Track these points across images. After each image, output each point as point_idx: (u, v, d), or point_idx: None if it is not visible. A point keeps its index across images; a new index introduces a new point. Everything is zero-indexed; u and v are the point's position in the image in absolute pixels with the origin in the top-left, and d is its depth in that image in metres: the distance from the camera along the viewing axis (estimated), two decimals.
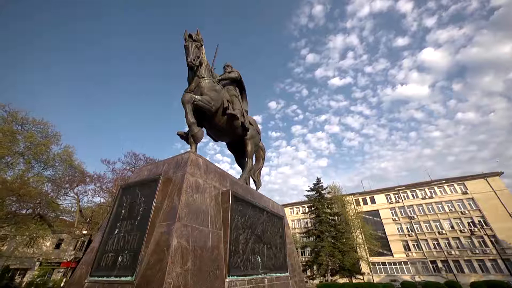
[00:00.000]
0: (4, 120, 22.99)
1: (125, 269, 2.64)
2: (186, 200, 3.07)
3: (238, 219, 3.89)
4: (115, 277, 2.64)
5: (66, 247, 36.32)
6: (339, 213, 36.52)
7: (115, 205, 3.45)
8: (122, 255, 2.78)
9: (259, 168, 6.93)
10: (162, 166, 3.79)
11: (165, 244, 2.63)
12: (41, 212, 23.99)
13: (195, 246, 2.89)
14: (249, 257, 3.88)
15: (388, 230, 41.17)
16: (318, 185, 39.12)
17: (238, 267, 3.49)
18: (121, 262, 2.73)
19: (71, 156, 26.72)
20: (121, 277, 2.60)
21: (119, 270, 2.68)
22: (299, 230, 47.60)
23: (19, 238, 26.77)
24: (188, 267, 2.64)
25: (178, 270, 2.50)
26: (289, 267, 5.25)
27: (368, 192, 46.96)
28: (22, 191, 20.99)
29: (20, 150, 23.67)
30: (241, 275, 3.50)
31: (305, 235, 37.50)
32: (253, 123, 6.44)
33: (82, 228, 24.76)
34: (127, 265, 2.66)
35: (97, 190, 24.52)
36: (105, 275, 2.75)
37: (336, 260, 31.15)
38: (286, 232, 5.85)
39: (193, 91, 4.64)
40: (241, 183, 4.91)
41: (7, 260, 29.21)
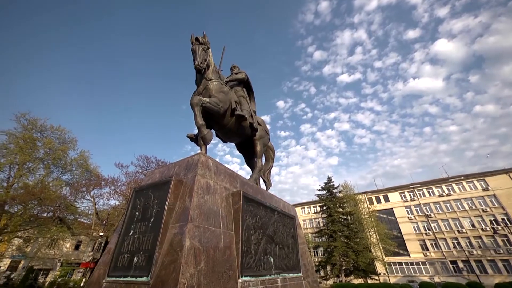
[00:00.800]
0: (25, 128, 24.24)
1: (140, 270, 2.70)
2: (197, 202, 3.11)
3: (249, 219, 3.89)
4: (131, 277, 2.71)
5: (84, 248, 37.76)
6: (352, 212, 35.76)
7: (129, 207, 3.54)
8: (138, 256, 2.85)
9: (269, 168, 6.91)
10: (173, 168, 3.85)
11: (178, 245, 2.67)
12: (61, 215, 25.06)
13: (208, 247, 2.92)
14: (261, 258, 3.87)
15: (403, 229, 39.93)
16: (329, 184, 38.50)
17: (250, 268, 3.49)
18: (136, 263, 2.80)
19: (87, 160, 27.80)
20: (137, 277, 2.66)
21: (135, 271, 2.75)
22: (311, 230, 47.07)
23: (41, 240, 28.12)
24: (201, 268, 2.67)
25: (192, 271, 2.53)
26: (302, 268, 5.20)
27: (381, 190, 45.75)
28: (43, 195, 22.03)
29: (40, 156, 24.88)
30: (253, 275, 3.50)
31: (318, 235, 36.96)
32: (261, 123, 6.44)
33: (99, 230, 25.64)
34: (142, 265, 2.72)
35: (111, 193, 25.31)
36: (122, 275, 2.83)
37: (350, 260, 30.51)
38: (298, 232, 5.79)
39: (201, 94, 4.69)
40: (251, 184, 4.91)
41: (31, 261, 30.76)
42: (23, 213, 22.51)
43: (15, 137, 23.34)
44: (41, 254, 31.90)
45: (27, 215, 22.75)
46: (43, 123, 25.30)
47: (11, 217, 22.46)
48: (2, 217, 22.72)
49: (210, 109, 4.49)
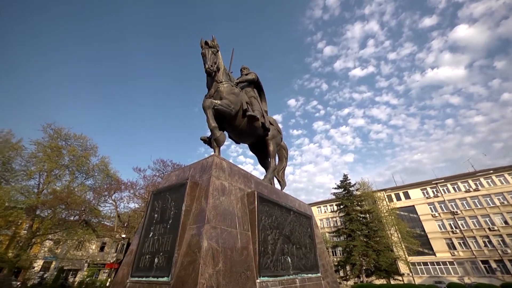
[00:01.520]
0: (51, 137, 25.92)
1: (161, 270, 2.78)
2: (213, 203, 3.14)
3: (265, 219, 3.88)
4: (153, 278, 2.80)
5: (108, 249, 39.60)
6: (370, 210, 34.58)
7: (148, 210, 3.65)
8: (158, 257, 2.94)
9: (282, 168, 6.85)
10: (188, 170, 3.93)
11: (196, 245, 2.72)
12: (86, 218, 26.48)
13: (225, 247, 2.94)
14: (279, 258, 3.84)
15: (427, 227, 38.00)
16: (346, 181, 37.51)
17: (268, 268, 3.48)
18: (157, 264, 2.88)
19: (107, 166, 29.16)
20: (159, 277, 2.74)
21: (156, 271, 2.83)
22: (328, 229, 46.14)
23: (70, 242, 29.83)
24: (219, 268, 2.70)
25: (210, 271, 2.56)
26: (320, 268, 5.10)
27: (401, 187, 43.88)
28: (69, 200, 23.42)
29: (65, 163, 26.49)
30: (272, 275, 3.48)
31: (335, 234, 36.08)
32: (273, 123, 6.40)
33: (121, 232, 26.77)
34: (162, 266, 2.80)
35: (131, 197, 26.34)
36: (144, 275, 2.92)
37: (371, 260, 29.47)
38: (315, 231, 5.69)
39: (212, 96, 4.75)
40: (266, 184, 4.89)
41: (61, 262, 32.79)
42: (53, 217, 24.04)
43: (43, 146, 25.03)
44: (70, 255, 33.91)
45: (56, 219, 24.28)
46: (67, 132, 26.97)
47: (42, 221, 24.10)
48: (34, 221, 24.43)
49: (222, 111, 4.54)
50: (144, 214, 3.84)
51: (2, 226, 25.07)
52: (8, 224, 25.70)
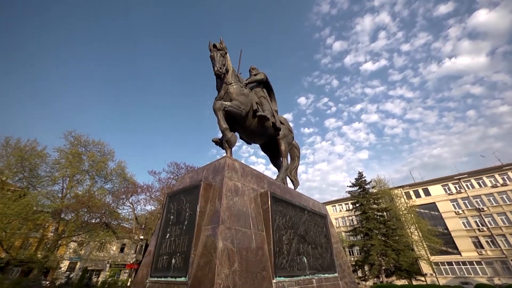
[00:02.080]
0: (72, 144, 27.32)
1: (179, 271, 2.84)
2: (227, 204, 3.17)
3: (279, 219, 3.85)
4: (171, 278, 2.87)
5: (128, 250, 41.05)
6: (388, 208, 33.43)
7: (164, 212, 3.74)
8: (175, 258, 3.00)
9: (295, 167, 6.79)
10: (201, 172, 3.99)
11: (212, 246, 2.75)
12: (106, 221, 27.61)
13: (240, 248, 2.95)
14: (294, 258, 3.81)
15: (450, 225, 36.17)
16: (361, 179, 36.52)
17: (284, 268, 3.45)
18: (174, 264, 2.95)
19: (124, 170, 30.29)
20: (176, 277, 2.80)
21: (173, 271, 2.89)
22: (344, 228, 45.17)
23: (92, 244, 31.29)
24: (235, 268, 2.71)
25: (226, 271, 2.58)
26: (337, 268, 5.00)
27: (420, 183, 42.07)
28: (90, 203, 24.54)
29: (85, 168, 27.81)
30: (288, 276, 3.45)
31: (352, 234, 35.19)
32: (284, 122, 6.36)
33: (139, 234, 27.68)
34: (180, 266, 2.86)
35: (147, 199, 27.11)
36: (162, 275, 3.00)
37: (390, 260, 28.46)
38: (331, 231, 5.59)
39: (222, 98, 4.80)
40: (279, 183, 4.87)
41: (85, 262, 34.41)
42: (76, 220, 25.32)
43: (65, 153, 26.44)
44: (93, 256, 35.54)
45: (79, 221, 25.55)
46: (86, 139, 28.33)
47: (67, 224, 25.45)
48: (59, 224, 25.86)
49: (232, 113, 4.56)
50: (160, 216, 3.93)
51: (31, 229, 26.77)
52: (37, 227, 27.45)
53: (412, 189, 42.19)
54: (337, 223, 47.57)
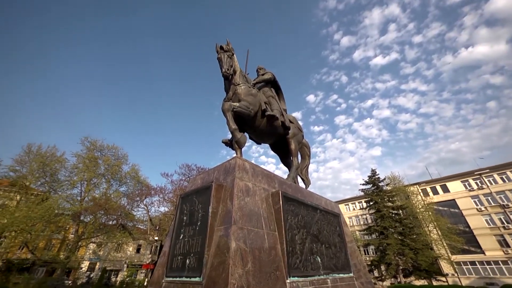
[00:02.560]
0: (88, 149, 28.44)
1: (193, 271, 2.88)
2: (238, 204, 3.18)
3: (291, 219, 3.83)
4: (186, 278, 2.91)
5: (144, 251, 42.17)
6: (403, 206, 32.34)
7: (177, 213, 3.81)
8: (189, 258, 3.05)
9: (305, 166, 6.72)
10: (213, 173, 4.03)
11: (225, 246, 2.77)
12: (122, 222, 28.54)
13: (253, 248, 2.96)
14: (308, 258, 3.77)
15: (472, 222, 34.47)
16: (374, 177, 35.57)
17: (297, 268, 3.42)
18: (189, 264, 2.99)
19: (138, 172, 31.16)
20: (191, 277, 2.85)
21: (188, 271, 2.94)
22: (358, 227, 44.20)
23: (110, 245, 32.44)
24: (248, 268, 2.71)
25: (240, 271, 2.59)
26: (352, 267, 4.90)
27: (438, 179, 40.42)
28: (107, 206, 25.46)
29: (101, 172, 28.86)
30: (302, 276, 3.42)
31: (366, 232, 34.31)
32: (293, 121, 6.32)
33: (153, 235, 28.37)
34: (194, 267, 2.90)
35: (161, 201, 27.74)
36: (177, 275, 3.06)
37: (408, 259, 27.51)
38: (344, 230, 5.49)
39: (231, 99, 4.82)
40: (290, 183, 4.83)
41: (104, 263, 35.69)
42: (94, 222, 26.35)
43: (82, 158, 27.58)
44: (111, 256, 36.82)
45: (97, 223, 26.58)
46: (101, 143, 29.42)
47: (86, 226, 26.54)
48: (79, 226, 27.01)
49: (241, 113, 4.58)
50: (173, 217, 4.01)
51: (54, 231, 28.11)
52: (59, 229, 28.77)
53: (429, 185, 40.60)
54: (350, 222, 46.63)
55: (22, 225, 20.49)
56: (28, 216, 20.50)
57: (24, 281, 22.73)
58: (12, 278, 23.54)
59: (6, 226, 20.28)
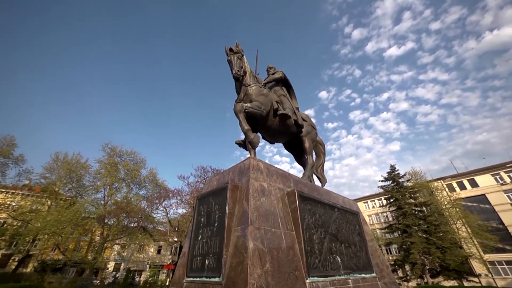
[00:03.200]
0: (109, 155, 29.90)
1: (212, 271, 2.92)
2: (254, 204, 3.18)
3: (308, 218, 3.77)
4: (205, 278, 2.97)
5: (164, 252, 43.52)
6: (427, 202, 30.72)
7: (195, 214, 3.89)
8: (208, 259, 3.10)
9: (321, 164, 6.60)
10: (227, 174, 4.07)
11: (243, 247, 2.78)
12: (143, 225, 29.69)
13: (271, 248, 2.95)
14: (327, 257, 3.70)
15: (506, 219, 31.98)
16: (393, 173, 34.13)
17: (317, 268, 3.37)
18: (208, 265, 3.04)
19: (156, 176, 32.28)
20: (211, 278, 2.89)
21: (208, 272, 2.99)
22: (378, 225, 42.68)
23: (133, 246, 33.85)
24: (267, 268, 2.71)
25: (259, 272, 2.59)
26: (374, 267, 4.73)
27: (465, 173, 37.99)
28: (128, 209, 26.61)
29: (122, 177, 30.22)
30: (321, 276, 3.36)
31: (387, 231, 32.97)
32: (306, 119, 6.23)
33: (173, 236, 29.20)
34: (213, 267, 2.94)
35: (178, 203, 28.47)
36: (197, 276, 3.12)
37: (435, 259, 26.04)
38: (364, 228, 5.32)
39: (242, 100, 4.85)
40: (305, 182, 4.77)
41: (128, 263, 37.29)
42: (117, 225, 27.64)
43: (104, 164, 29.08)
44: (134, 257, 38.41)
45: (120, 226, 27.86)
46: (120, 149, 30.84)
47: (110, 228, 27.90)
48: (104, 228, 28.46)
49: (253, 114, 4.59)
50: (191, 219, 4.10)
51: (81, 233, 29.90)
52: (86, 231, 30.56)
53: (455, 180, 38.26)
54: (370, 220, 45.12)
55: (53, 228, 21.99)
56: (58, 220, 21.95)
57: (57, 280, 24.34)
58: (47, 278, 25.31)
59: (39, 229, 21.87)
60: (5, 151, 24.68)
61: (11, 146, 25.44)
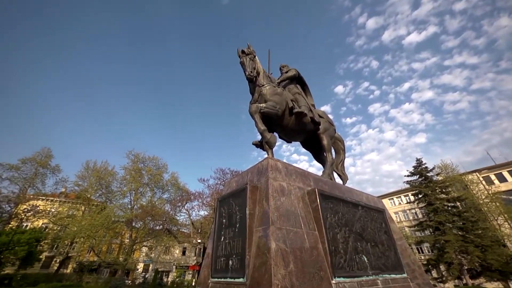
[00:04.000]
0: (133, 162, 31.56)
1: (236, 272, 2.95)
2: (274, 204, 3.17)
3: (331, 217, 3.68)
4: (230, 279, 3.00)
5: (189, 253, 44.84)
6: (461, 197, 28.46)
7: (216, 216, 3.96)
8: (231, 259, 3.13)
9: (341, 161, 6.41)
10: (246, 175, 4.09)
11: (265, 247, 2.78)
12: (168, 227, 30.87)
13: (293, 248, 2.91)
14: (353, 257, 3.57)
15: None
16: (420, 166, 32.07)
17: (342, 268, 3.27)
18: (232, 266, 3.08)
19: (177, 180, 33.45)
20: (235, 278, 2.92)
21: (232, 272, 3.03)
22: (407, 223, 40.38)
23: (159, 248, 35.33)
24: (291, 269, 2.67)
25: (282, 272, 2.57)
26: (405, 267, 4.48)
27: (504, 164, 34.66)
28: (153, 212, 27.87)
29: (145, 182, 31.73)
30: (348, 276, 3.25)
31: (417, 229, 30.99)
32: (323, 116, 6.09)
33: (196, 238, 30.03)
34: (237, 268, 2.97)
35: (200, 205, 29.20)
36: (222, 276, 3.17)
37: (474, 258, 23.95)
38: (391, 226, 5.06)
39: (257, 101, 4.86)
40: (325, 180, 4.65)
41: (156, 264, 38.97)
42: (144, 227, 29.06)
43: (128, 170, 30.75)
44: (161, 259, 40.07)
45: (147, 229, 29.26)
46: (143, 155, 32.42)
47: (138, 231, 29.40)
48: (132, 231, 30.07)
49: (268, 114, 4.58)
50: (213, 220, 4.18)
51: (113, 236, 31.82)
52: (116, 234, 32.50)
53: (493, 172, 35.05)
54: (397, 218, 42.84)
55: (88, 232, 23.71)
56: (92, 224, 23.63)
57: (94, 280, 26.15)
58: (84, 278, 27.30)
59: (76, 233, 23.73)
60: (44, 162, 27.19)
61: (48, 157, 28.00)
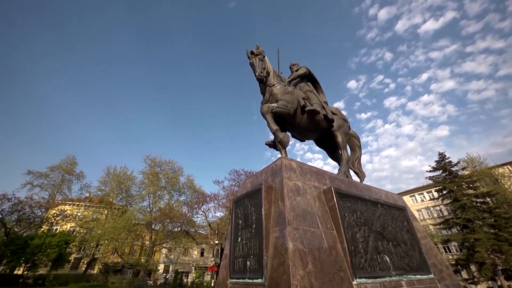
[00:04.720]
0: (150, 166, 32.70)
1: (255, 272, 2.95)
2: (290, 204, 3.14)
3: (349, 216, 3.58)
4: (248, 279, 3.00)
5: (207, 254, 45.55)
6: (491, 192, 26.57)
7: (233, 217, 3.99)
8: (249, 260, 3.14)
9: (357, 158, 6.22)
10: (261, 176, 4.09)
11: (282, 247, 2.75)
12: (185, 229, 31.60)
13: (311, 248, 2.86)
14: (374, 257, 3.45)
15: None
16: (443, 161, 30.35)
17: (363, 268, 3.16)
18: (250, 266, 3.08)
19: (193, 182, 34.21)
20: (253, 279, 2.92)
21: (250, 273, 3.03)
22: (431, 221, 38.38)
23: (178, 249, 36.22)
24: (309, 269, 2.63)
25: (301, 273, 2.54)
26: (431, 267, 4.27)
27: None
28: (171, 214, 28.69)
29: (163, 185, 32.74)
30: (369, 277, 3.14)
31: (443, 227, 29.27)
32: (336, 112, 5.95)
33: (213, 239, 30.47)
34: (255, 268, 2.97)
35: (216, 207, 29.64)
36: (240, 277, 3.18)
37: (509, 258, 22.28)
38: (414, 225, 4.84)
39: (268, 101, 4.85)
40: (342, 178, 4.55)
41: (176, 266, 39.99)
42: (163, 230, 29.96)
43: (146, 174, 31.89)
44: (180, 260, 41.04)
45: (165, 231, 30.15)
46: (159, 160, 33.50)
47: (157, 233, 30.37)
48: (152, 233, 31.13)
49: (280, 113, 4.56)
50: (230, 221, 4.21)
51: (134, 238, 33.14)
52: (137, 236, 33.80)
53: None
54: (420, 215, 40.84)
55: (111, 234, 24.89)
56: (114, 227, 24.77)
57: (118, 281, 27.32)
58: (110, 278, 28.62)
59: (100, 236, 24.99)
60: (69, 169, 28.97)
61: (73, 165, 29.79)
